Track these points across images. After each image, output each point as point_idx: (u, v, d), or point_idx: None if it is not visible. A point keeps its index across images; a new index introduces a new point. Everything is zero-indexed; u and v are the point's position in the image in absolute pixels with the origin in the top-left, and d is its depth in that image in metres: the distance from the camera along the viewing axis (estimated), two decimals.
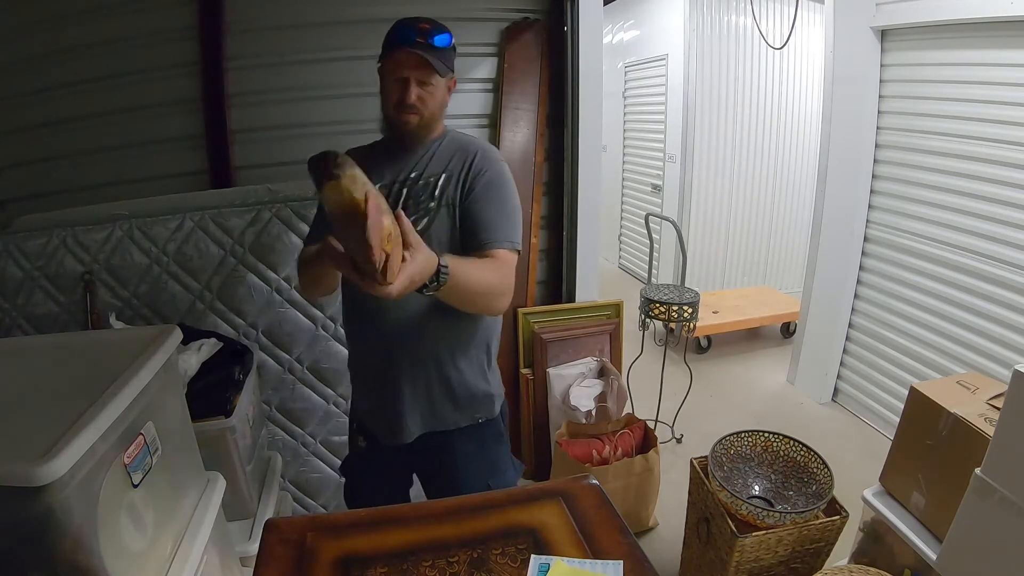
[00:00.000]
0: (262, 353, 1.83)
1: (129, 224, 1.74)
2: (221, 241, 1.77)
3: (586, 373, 2.28)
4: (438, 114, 1.19)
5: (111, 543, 0.76)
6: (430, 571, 0.80)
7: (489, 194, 1.15)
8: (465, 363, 1.22)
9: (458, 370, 1.21)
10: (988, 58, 2.11)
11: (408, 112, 1.14)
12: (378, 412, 1.26)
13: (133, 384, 0.83)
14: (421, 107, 1.14)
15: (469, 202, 1.15)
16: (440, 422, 1.23)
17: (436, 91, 1.16)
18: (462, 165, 1.18)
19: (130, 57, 1.84)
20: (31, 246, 1.69)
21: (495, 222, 1.13)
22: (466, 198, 1.16)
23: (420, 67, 1.11)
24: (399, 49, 1.12)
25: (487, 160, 1.19)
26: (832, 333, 2.86)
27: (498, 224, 1.13)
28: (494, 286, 1.08)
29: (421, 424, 1.23)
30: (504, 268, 1.10)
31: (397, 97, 1.14)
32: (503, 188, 1.17)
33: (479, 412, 1.26)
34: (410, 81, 1.12)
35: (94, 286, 1.72)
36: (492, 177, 1.17)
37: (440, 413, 1.23)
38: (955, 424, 1.28)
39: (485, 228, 1.13)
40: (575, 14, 2.11)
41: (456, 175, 1.17)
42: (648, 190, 4.54)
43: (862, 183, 2.65)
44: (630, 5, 4.50)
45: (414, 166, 1.19)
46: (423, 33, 1.12)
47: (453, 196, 1.16)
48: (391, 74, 1.15)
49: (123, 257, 1.73)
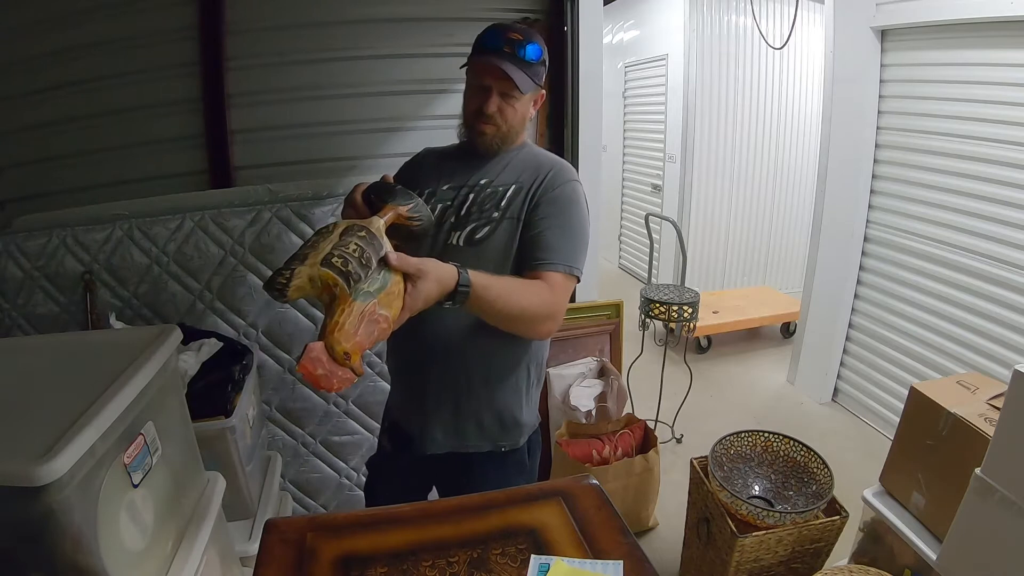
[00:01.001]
0: (262, 353, 1.83)
1: (129, 224, 1.74)
2: (221, 241, 1.77)
3: (586, 373, 2.28)
4: (518, 128, 1.15)
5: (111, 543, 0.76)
6: (430, 571, 0.80)
7: (552, 212, 1.10)
8: (498, 385, 1.16)
9: (489, 390, 1.15)
10: (988, 58, 2.11)
11: (485, 122, 1.11)
12: (405, 417, 1.24)
13: (133, 384, 0.83)
14: (499, 119, 1.11)
15: (532, 218, 1.10)
16: (462, 442, 1.18)
17: (519, 105, 1.11)
18: (533, 180, 1.13)
19: (130, 57, 1.84)
20: (31, 246, 1.69)
21: (553, 243, 1.08)
22: (531, 214, 1.11)
23: (503, 79, 1.06)
24: (486, 55, 1.08)
25: (559, 177, 1.13)
26: (832, 333, 2.86)
27: (556, 246, 1.07)
28: (533, 310, 1.01)
29: (443, 439, 1.18)
30: (552, 293, 1.04)
31: (477, 104, 1.10)
32: (570, 208, 1.11)
33: (504, 440, 1.19)
34: (492, 91, 1.08)
35: (94, 286, 1.72)
36: (560, 196, 1.11)
37: (463, 431, 1.17)
38: (955, 424, 1.28)
39: (541, 248, 1.08)
40: (575, 14, 2.11)
41: (526, 189, 1.12)
42: (648, 190, 4.54)
43: (862, 183, 2.65)
44: (630, 5, 4.50)
45: (486, 173, 1.15)
46: (512, 43, 1.07)
47: (519, 210, 1.11)
48: (474, 79, 1.12)
49: (123, 257, 1.73)
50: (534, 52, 1.09)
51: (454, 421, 1.17)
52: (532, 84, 1.09)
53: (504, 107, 1.10)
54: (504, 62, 1.05)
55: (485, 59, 1.08)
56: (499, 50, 1.07)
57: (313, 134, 2.04)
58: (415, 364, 1.17)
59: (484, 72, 1.08)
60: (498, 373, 1.16)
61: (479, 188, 1.14)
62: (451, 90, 2.15)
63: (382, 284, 0.80)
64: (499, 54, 1.07)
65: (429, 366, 1.15)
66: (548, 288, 1.03)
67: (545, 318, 1.04)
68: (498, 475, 1.18)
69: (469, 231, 1.11)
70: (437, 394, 1.15)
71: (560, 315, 1.06)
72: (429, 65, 2.09)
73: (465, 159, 1.18)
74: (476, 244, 1.10)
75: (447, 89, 2.14)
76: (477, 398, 1.15)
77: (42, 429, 0.71)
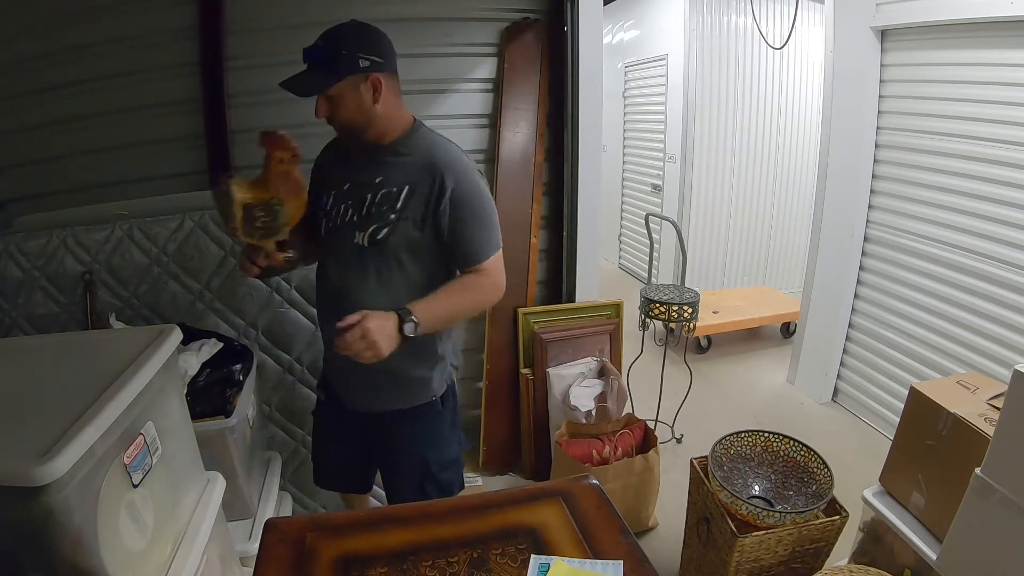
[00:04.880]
0: (262, 353, 1.83)
1: (129, 224, 1.74)
2: (221, 241, 1.77)
3: (586, 373, 2.28)
4: (365, 118, 1.18)
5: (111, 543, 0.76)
6: (430, 571, 0.80)
7: (463, 214, 1.20)
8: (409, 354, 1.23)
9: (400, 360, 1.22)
10: (988, 58, 2.11)
11: (330, 124, 1.21)
12: (334, 380, 1.41)
13: (133, 384, 0.83)
14: (334, 118, 1.18)
15: (444, 222, 1.20)
16: (379, 402, 1.33)
17: (344, 98, 1.15)
18: (429, 182, 1.19)
19: (130, 57, 1.84)
20: (31, 246, 1.69)
21: (475, 241, 1.21)
22: (441, 218, 1.20)
23: (304, 86, 1.15)
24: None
25: (453, 176, 1.19)
26: (832, 333, 2.86)
27: (478, 241, 1.21)
28: (474, 301, 1.24)
29: (362, 401, 1.35)
30: (488, 276, 1.22)
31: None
32: (474, 201, 1.21)
33: (420, 397, 1.33)
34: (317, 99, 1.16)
35: (94, 286, 1.72)
36: (463, 194, 1.19)
37: (379, 395, 1.32)
38: (955, 424, 1.28)
39: (469, 250, 1.22)
40: (575, 14, 2.11)
41: (421, 192, 1.20)
42: (648, 190, 4.54)
43: (862, 183, 2.65)
44: (630, 5, 4.50)
45: (381, 172, 1.22)
46: (304, 54, 1.16)
47: (417, 211, 1.20)
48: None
49: (123, 257, 1.73)
50: (314, 54, 1.15)
51: (371, 387, 1.31)
52: (330, 79, 1.14)
53: (328, 107, 1.16)
54: (298, 74, 1.15)
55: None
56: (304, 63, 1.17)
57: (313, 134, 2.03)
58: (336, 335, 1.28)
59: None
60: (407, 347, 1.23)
61: (375, 188, 1.21)
62: (451, 90, 2.15)
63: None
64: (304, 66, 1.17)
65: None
66: (484, 274, 1.21)
67: (491, 299, 1.25)
68: (415, 423, 1.34)
69: (371, 231, 1.21)
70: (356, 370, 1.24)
71: (502, 284, 1.25)
72: (429, 65, 2.09)
73: (362, 157, 1.25)
74: (378, 243, 1.20)
75: (447, 89, 2.14)
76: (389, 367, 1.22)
77: (42, 429, 0.71)
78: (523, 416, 2.33)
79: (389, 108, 1.19)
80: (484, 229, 1.22)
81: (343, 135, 1.24)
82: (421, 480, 1.38)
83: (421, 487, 1.38)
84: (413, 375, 1.30)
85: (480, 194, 1.22)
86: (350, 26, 1.17)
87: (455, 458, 1.45)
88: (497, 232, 1.24)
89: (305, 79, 1.15)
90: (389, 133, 1.22)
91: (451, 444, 1.43)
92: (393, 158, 1.22)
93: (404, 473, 1.40)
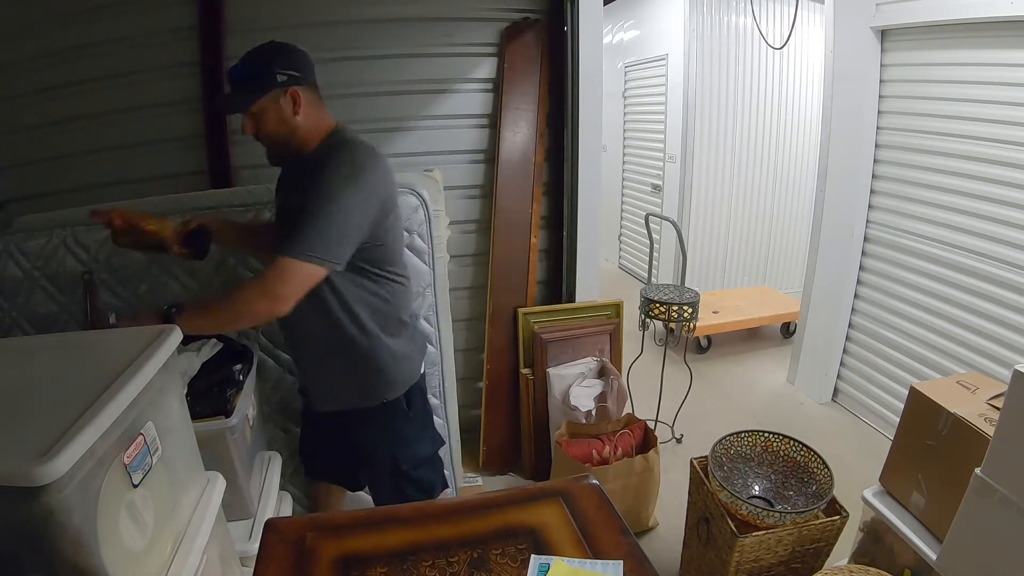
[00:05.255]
0: (262, 353, 1.83)
1: None
2: None
3: (586, 373, 2.28)
4: (286, 130, 1.23)
5: (111, 543, 0.76)
6: (430, 571, 0.80)
7: (300, 202, 1.17)
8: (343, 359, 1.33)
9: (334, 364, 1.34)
10: (988, 58, 2.11)
11: (258, 141, 1.27)
12: (300, 379, 1.53)
13: (133, 384, 0.83)
14: (260, 134, 1.24)
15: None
16: (339, 402, 1.40)
17: (267, 113, 1.21)
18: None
19: (130, 57, 1.84)
20: (31, 246, 1.69)
21: (289, 230, 1.17)
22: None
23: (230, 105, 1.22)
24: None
25: (319, 173, 1.18)
26: (832, 333, 2.86)
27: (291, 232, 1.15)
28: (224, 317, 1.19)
29: (323, 401, 1.43)
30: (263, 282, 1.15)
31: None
32: (320, 202, 1.15)
33: (373, 397, 1.37)
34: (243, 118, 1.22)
35: (94, 286, 1.72)
36: (312, 188, 1.17)
37: (334, 396, 1.40)
38: (955, 424, 1.28)
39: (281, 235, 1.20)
40: (575, 14, 2.11)
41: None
42: (648, 190, 4.54)
43: (862, 183, 2.65)
44: (630, 5, 4.50)
45: (298, 181, 1.27)
46: (228, 75, 1.22)
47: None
48: None
49: (123, 257, 1.73)
50: (236, 74, 1.21)
51: (325, 387, 1.41)
52: (251, 96, 1.19)
53: (253, 124, 1.23)
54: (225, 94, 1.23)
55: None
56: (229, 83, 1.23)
57: None
58: (288, 345, 1.40)
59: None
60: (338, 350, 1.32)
61: (294, 197, 1.24)
62: (451, 90, 2.15)
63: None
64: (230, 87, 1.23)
65: (293, 348, 1.43)
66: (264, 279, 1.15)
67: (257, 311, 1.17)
68: (384, 423, 1.40)
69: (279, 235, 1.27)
70: (303, 369, 1.42)
71: (279, 293, 1.14)
72: (429, 65, 2.09)
73: (290, 168, 1.34)
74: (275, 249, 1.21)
75: (447, 89, 2.14)
76: (328, 371, 1.37)
77: (42, 429, 0.71)
78: (523, 416, 2.33)
79: (309, 119, 1.25)
80: (303, 226, 1.14)
81: (271, 149, 1.29)
82: (396, 479, 1.44)
83: (397, 486, 1.44)
84: (360, 378, 1.36)
85: (329, 193, 1.15)
86: (267, 45, 1.23)
87: (428, 456, 1.50)
88: (318, 242, 1.14)
89: (230, 98, 1.23)
90: (310, 142, 1.26)
91: (421, 443, 1.48)
92: (310, 166, 1.23)
93: (379, 473, 1.47)
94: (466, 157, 2.22)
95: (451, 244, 2.09)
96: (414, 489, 1.45)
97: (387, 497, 1.47)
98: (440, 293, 1.96)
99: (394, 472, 1.43)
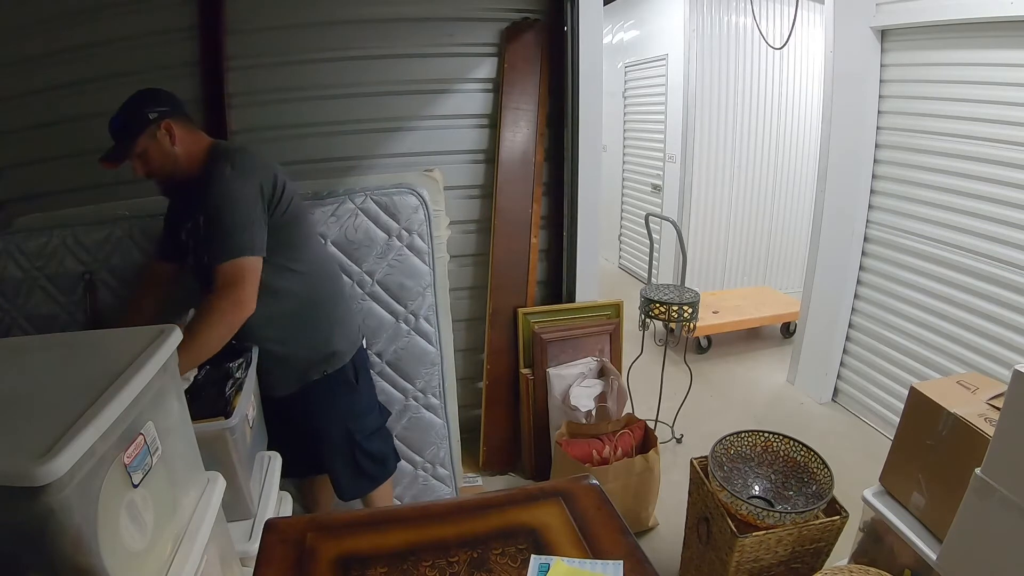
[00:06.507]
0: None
1: (129, 224, 1.74)
2: None
3: (586, 373, 2.28)
4: (171, 162, 1.35)
5: (111, 543, 0.76)
6: (430, 571, 0.80)
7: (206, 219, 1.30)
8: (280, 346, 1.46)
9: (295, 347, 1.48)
10: (988, 58, 2.11)
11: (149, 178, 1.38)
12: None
13: (133, 384, 0.83)
14: (151, 172, 1.36)
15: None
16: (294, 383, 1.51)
17: (150, 151, 1.33)
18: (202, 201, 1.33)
19: (130, 57, 1.84)
20: (31, 246, 1.69)
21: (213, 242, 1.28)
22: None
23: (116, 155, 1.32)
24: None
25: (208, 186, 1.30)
26: (832, 333, 2.86)
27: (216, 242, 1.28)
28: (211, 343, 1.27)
29: (277, 385, 1.51)
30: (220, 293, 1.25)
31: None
32: (217, 203, 1.28)
33: (323, 368, 1.52)
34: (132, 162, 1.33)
35: (94, 286, 1.72)
36: (208, 203, 1.29)
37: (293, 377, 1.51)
38: (955, 424, 1.28)
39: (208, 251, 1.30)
40: (575, 14, 2.11)
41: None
42: (648, 190, 4.54)
43: (862, 183, 2.65)
44: (630, 5, 4.50)
45: (191, 207, 1.38)
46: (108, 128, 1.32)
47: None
48: None
49: (123, 257, 1.73)
50: (115, 126, 1.32)
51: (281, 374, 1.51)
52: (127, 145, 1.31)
53: (142, 165, 1.34)
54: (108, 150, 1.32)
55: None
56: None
57: (313, 134, 2.04)
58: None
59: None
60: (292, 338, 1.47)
61: (191, 222, 1.39)
62: (451, 90, 2.15)
63: None
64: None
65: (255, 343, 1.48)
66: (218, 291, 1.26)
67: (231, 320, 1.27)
68: (332, 395, 1.54)
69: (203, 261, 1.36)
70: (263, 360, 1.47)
71: (239, 296, 1.27)
72: (429, 65, 2.09)
73: (184, 196, 1.43)
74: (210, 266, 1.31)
75: (447, 89, 2.14)
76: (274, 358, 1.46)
77: (42, 429, 0.71)
78: (523, 416, 2.33)
79: (187, 145, 1.36)
80: (221, 231, 1.27)
81: (163, 181, 1.39)
82: (352, 450, 1.57)
83: (353, 459, 1.58)
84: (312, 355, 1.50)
85: (223, 196, 1.28)
86: (135, 94, 1.34)
87: (378, 427, 1.67)
88: (242, 236, 1.28)
89: (114, 149, 1.32)
90: (194, 164, 1.36)
91: (371, 414, 1.65)
92: (203, 184, 1.33)
93: (336, 447, 1.57)
94: (466, 157, 2.22)
95: (451, 244, 2.09)
96: (369, 461, 1.60)
97: (345, 472, 1.59)
98: (440, 293, 1.96)
99: (349, 442, 1.57)
